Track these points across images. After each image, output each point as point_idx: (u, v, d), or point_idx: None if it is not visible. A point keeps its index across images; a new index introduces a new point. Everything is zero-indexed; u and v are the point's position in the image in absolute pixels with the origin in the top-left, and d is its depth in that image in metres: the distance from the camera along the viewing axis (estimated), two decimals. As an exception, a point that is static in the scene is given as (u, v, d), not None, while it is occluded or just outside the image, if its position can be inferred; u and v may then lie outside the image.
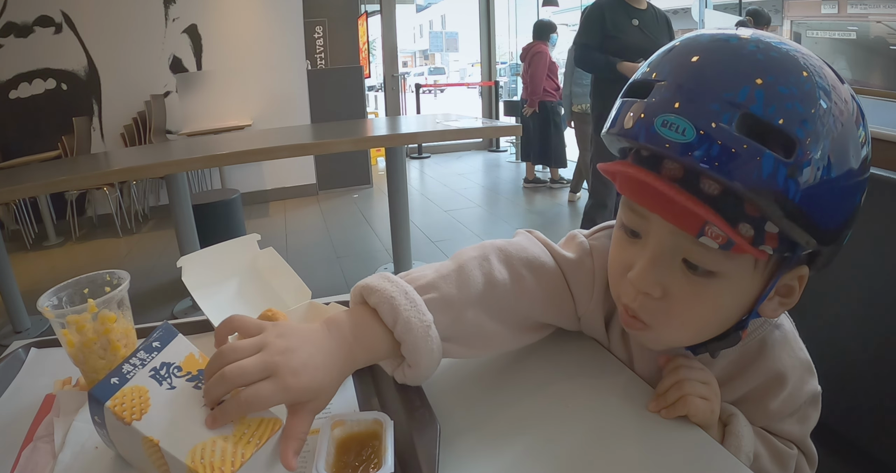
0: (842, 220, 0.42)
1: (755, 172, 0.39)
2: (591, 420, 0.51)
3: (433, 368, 0.50)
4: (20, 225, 4.13)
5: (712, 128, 0.39)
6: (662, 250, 0.46)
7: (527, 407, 0.53)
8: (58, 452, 0.48)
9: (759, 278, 0.46)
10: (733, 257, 0.44)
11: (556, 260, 0.58)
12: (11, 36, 4.23)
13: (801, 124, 0.39)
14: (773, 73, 0.40)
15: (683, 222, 0.42)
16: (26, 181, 2.23)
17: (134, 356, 0.44)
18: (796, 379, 0.55)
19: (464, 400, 0.54)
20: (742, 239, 0.41)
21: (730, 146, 0.39)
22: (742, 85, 0.40)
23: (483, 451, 0.47)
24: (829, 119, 0.40)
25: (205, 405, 0.42)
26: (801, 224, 0.40)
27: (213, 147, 2.73)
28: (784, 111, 0.39)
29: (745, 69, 0.41)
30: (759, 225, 0.41)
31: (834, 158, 0.40)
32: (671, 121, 0.41)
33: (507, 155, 6.70)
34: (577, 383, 0.57)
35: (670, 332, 0.50)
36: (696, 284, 0.46)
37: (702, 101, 0.40)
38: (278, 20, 4.83)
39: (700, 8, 5.51)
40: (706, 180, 0.41)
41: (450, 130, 2.76)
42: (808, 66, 0.41)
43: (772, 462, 0.55)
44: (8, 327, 2.62)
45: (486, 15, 6.95)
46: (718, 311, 0.48)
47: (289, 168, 4.99)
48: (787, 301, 0.49)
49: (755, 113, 0.39)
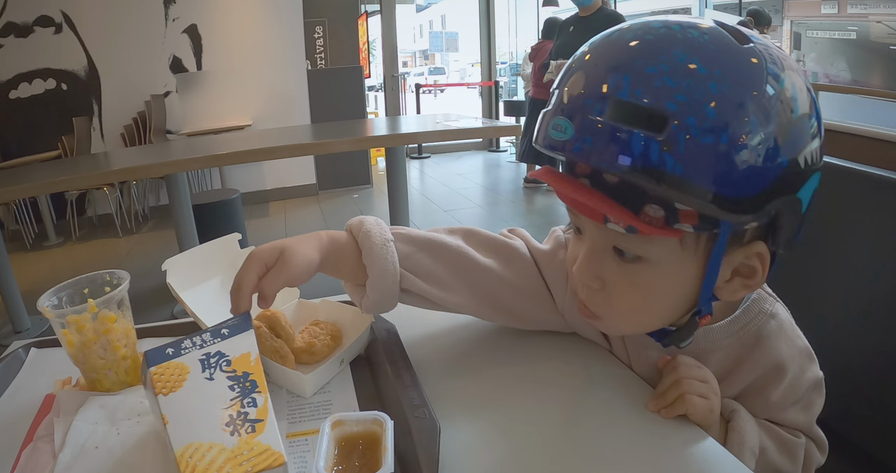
0: (754, 187, 0.40)
1: (626, 153, 0.39)
2: (592, 419, 0.51)
3: (389, 286, 0.56)
4: (20, 225, 4.13)
5: (586, 121, 0.41)
6: (594, 242, 0.49)
7: (527, 407, 0.53)
8: (58, 452, 0.48)
9: (692, 259, 0.46)
10: (653, 240, 0.44)
11: (531, 252, 0.61)
12: (11, 36, 4.23)
13: (671, 98, 0.39)
14: (641, 56, 0.41)
15: (589, 213, 0.46)
16: (26, 181, 2.23)
17: (200, 334, 0.46)
18: (796, 368, 0.55)
19: (464, 400, 0.55)
20: (642, 223, 0.42)
21: (600, 135, 0.40)
22: (610, 75, 0.41)
23: (483, 451, 0.48)
24: (710, 85, 0.39)
25: (225, 408, 0.42)
26: (699, 196, 0.39)
27: (213, 147, 2.73)
28: (652, 90, 0.40)
29: (616, 60, 0.42)
30: (669, 205, 0.42)
31: (721, 123, 0.39)
32: (557, 123, 0.43)
33: (507, 155, 6.69)
34: (578, 383, 0.57)
35: (617, 321, 0.52)
36: (629, 272, 0.48)
37: (579, 99, 0.42)
38: (278, 20, 4.83)
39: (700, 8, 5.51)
40: (606, 174, 0.43)
41: (450, 130, 2.76)
42: (686, 40, 0.41)
43: (779, 454, 0.55)
44: (8, 327, 2.62)
45: (486, 15, 6.95)
46: (657, 296, 0.49)
47: (289, 168, 4.98)
48: (751, 282, 0.48)
49: (623, 98, 0.40)
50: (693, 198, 0.40)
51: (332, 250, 0.56)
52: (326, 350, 0.62)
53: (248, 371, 0.44)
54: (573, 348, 0.63)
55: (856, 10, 5.38)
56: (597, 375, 0.58)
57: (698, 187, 0.39)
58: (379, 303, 0.57)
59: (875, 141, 1.72)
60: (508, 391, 0.56)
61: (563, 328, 0.63)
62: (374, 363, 0.60)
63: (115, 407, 0.53)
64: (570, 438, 0.49)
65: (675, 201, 0.41)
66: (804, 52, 5.98)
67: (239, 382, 0.44)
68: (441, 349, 0.65)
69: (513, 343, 0.65)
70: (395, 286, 0.57)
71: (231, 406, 0.42)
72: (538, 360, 0.62)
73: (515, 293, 0.60)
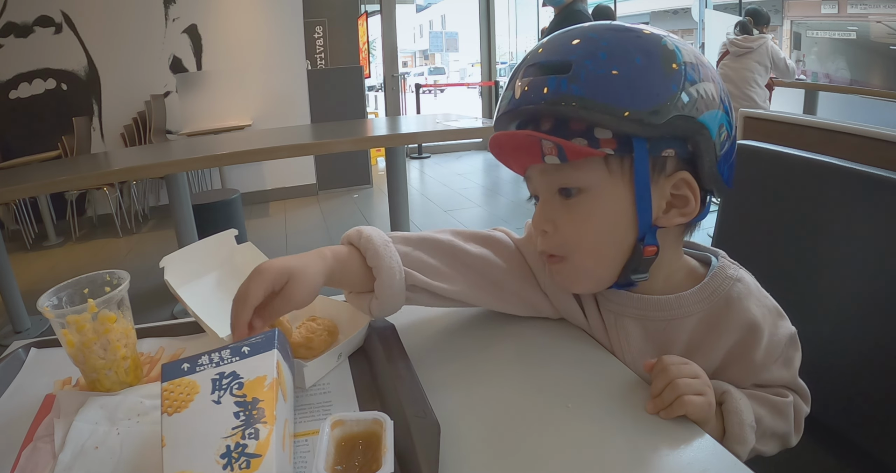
0: (643, 103, 0.50)
1: (545, 90, 0.52)
2: (592, 419, 0.51)
3: (396, 285, 0.59)
4: (20, 225, 4.13)
5: (520, 83, 0.54)
6: (543, 192, 0.58)
7: (527, 407, 0.53)
8: (58, 452, 0.48)
9: (620, 184, 0.54)
10: (583, 168, 0.54)
11: (513, 240, 0.69)
12: (11, 36, 4.23)
13: (572, 53, 0.52)
14: (548, 39, 0.55)
15: (529, 153, 0.55)
16: (26, 181, 2.23)
17: (220, 350, 0.44)
18: (770, 325, 0.57)
19: (464, 400, 0.55)
20: (572, 145, 0.52)
21: (529, 86, 0.53)
22: (531, 56, 0.56)
23: (483, 451, 0.48)
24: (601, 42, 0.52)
25: (224, 437, 0.39)
26: (603, 111, 0.50)
27: (213, 147, 2.73)
28: (558, 52, 0.53)
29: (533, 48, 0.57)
30: (590, 135, 0.52)
31: (610, 62, 0.51)
32: (505, 94, 0.57)
33: (507, 155, 6.69)
34: (578, 383, 0.57)
35: (581, 259, 0.58)
36: (573, 208, 0.56)
37: (516, 76, 0.56)
38: (278, 20, 4.83)
39: (700, 8, 5.51)
40: (542, 122, 0.55)
41: (450, 130, 2.76)
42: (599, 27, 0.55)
43: (773, 418, 0.57)
44: (8, 327, 2.62)
45: (486, 15, 6.95)
46: (604, 224, 0.56)
47: (289, 168, 4.98)
48: (686, 210, 0.55)
49: (540, 62, 0.54)
50: (600, 114, 0.50)
51: (336, 267, 0.59)
52: (324, 345, 0.63)
53: (258, 398, 0.41)
54: (574, 348, 0.63)
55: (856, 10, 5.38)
56: (597, 375, 0.58)
57: (601, 105, 0.50)
58: (387, 304, 0.60)
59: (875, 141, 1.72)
60: (509, 391, 0.56)
61: (551, 311, 0.67)
62: (373, 363, 0.60)
63: (115, 407, 0.53)
64: (571, 438, 0.49)
65: (592, 125, 0.52)
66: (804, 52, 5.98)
67: (246, 409, 0.41)
68: (441, 350, 0.65)
69: (513, 344, 0.65)
70: (401, 284, 0.60)
71: (231, 436, 0.39)
72: (538, 360, 0.62)
73: (506, 275, 0.66)
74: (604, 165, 0.54)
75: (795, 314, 0.61)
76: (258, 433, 0.40)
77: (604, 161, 0.53)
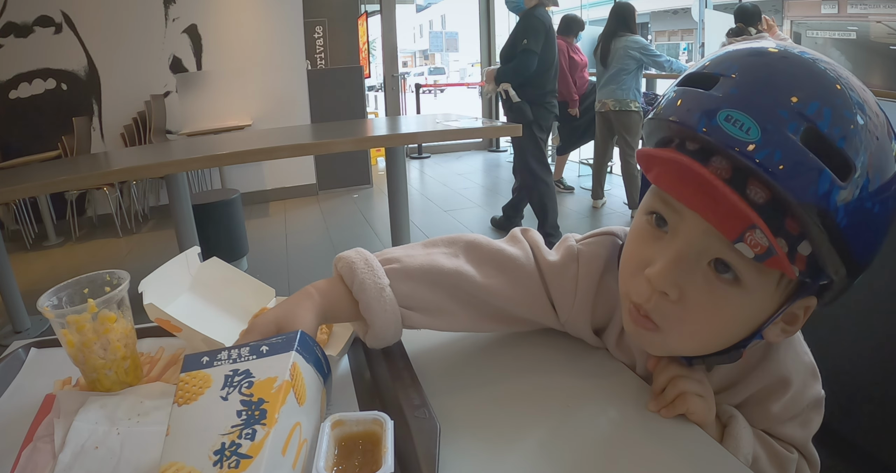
0: (873, 253, 0.42)
1: (811, 187, 0.38)
2: (592, 419, 0.51)
3: (391, 330, 0.56)
4: (20, 225, 4.13)
5: (779, 133, 0.38)
6: (690, 250, 0.45)
7: (527, 407, 0.53)
8: (58, 452, 0.48)
9: (777, 297, 0.45)
10: (763, 270, 0.43)
11: (537, 262, 0.59)
12: (11, 36, 4.22)
13: (858, 152, 0.39)
14: (841, 97, 0.40)
15: (726, 224, 0.41)
16: (26, 181, 2.23)
17: (241, 347, 0.44)
18: (800, 383, 0.54)
19: (464, 400, 0.54)
20: (779, 249, 0.39)
21: (792, 155, 0.38)
22: (812, 99, 0.39)
23: (483, 451, 0.48)
24: (889, 151, 0.40)
25: (223, 434, 0.39)
26: (839, 251, 0.40)
27: (213, 147, 2.73)
28: (847, 135, 0.39)
29: (816, 85, 0.40)
30: (794, 244, 0.40)
31: (879, 194, 0.40)
32: (735, 117, 0.39)
33: (507, 155, 6.69)
34: (578, 383, 0.57)
35: (679, 338, 0.49)
36: (717, 291, 0.45)
37: (771, 104, 0.39)
38: (278, 20, 4.82)
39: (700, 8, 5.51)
40: (754, 187, 0.40)
41: (450, 130, 2.75)
42: (864, 100, 0.41)
43: (770, 465, 0.55)
44: (8, 327, 2.62)
45: (486, 15, 6.95)
46: (733, 324, 0.47)
47: (289, 168, 4.98)
48: (790, 329, 0.48)
49: (821, 130, 0.38)
50: (834, 257, 0.40)
51: (327, 307, 0.55)
52: (326, 338, 0.65)
53: (263, 398, 0.41)
54: (574, 348, 0.63)
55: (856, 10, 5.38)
56: (597, 375, 0.58)
57: (847, 245, 0.40)
58: (382, 344, 0.58)
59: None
60: (508, 392, 0.56)
61: (554, 327, 0.63)
62: (374, 363, 0.60)
63: (115, 407, 0.53)
64: (570, 438, 0.49)
65: (821, 252, 0.40)
66: (804, 53, 5.97)
67: (249, 408, 0.41)
68: (441, 350, 0.65)
69: (513, 344, 0.65)
70: (398, 329, 0.57)
71: (229, 433, 0.39)
72: (538, 360, 0.62)
73: (518, 308, 0.59)
74: (779, 275, 0.43)
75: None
76: (255, 434, 0.39)
77: (781, 273, 0.43)
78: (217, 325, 0.64)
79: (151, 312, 0.59)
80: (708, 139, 0.40)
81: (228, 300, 0.70)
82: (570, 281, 0.58)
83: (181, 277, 0.68)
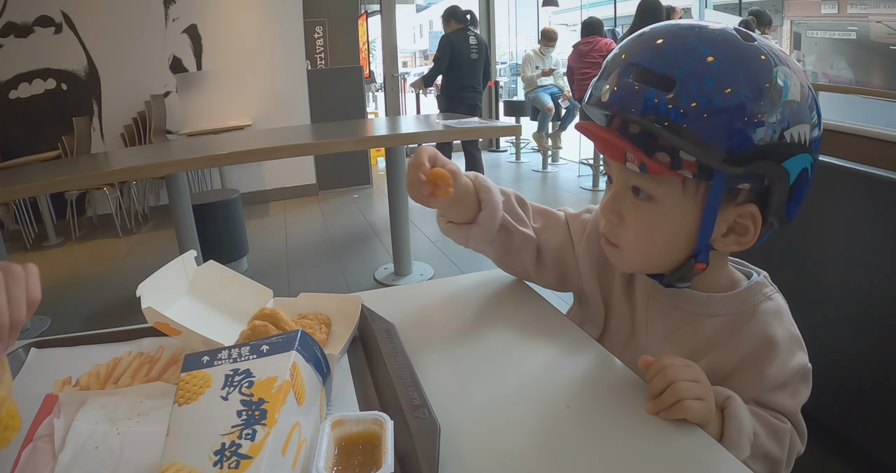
0: (739, 144, 0.50)
1: (642, 103, 0.51)
2: (592, 419, 0.51)
3: (495, 225, 0.71)
4: (20, 225, 4.13)
5: (619, 82, 0.53)
6: (618, 184, 0.59)
7: (527, 407, 0.53)
8: (58, 452, 0.48)
9: (691, 204, 0.56)
10: (660, 180, 0.55)
11: (565, 215, 0.78)
12: (11, 36, 4.23)
13: (681, 68, 0.51)
14: (664, 38, 0.53)
15: (612, 153, 0.56)
16: (26, 181, 2.23)
17: (241, 347, 0.44)
18: (787, 349, 0.58)
19: (464, 400, 0.55)
20: (655, 162, 0.52)
21: (626, 91, 0.53)
22: (640, 51, 0.54)
23: (483, 451, 0.48)
24: (710, 63, 0.50)
25: (223, 434, 0.39)
26: (694, 142, 0.50)
27: (213, 147, 2.73)
28: (667, 62, 0.51)
29: (645, 40, 0.54)
30: (674, 153, 0.52)
31: (715, 92, 0.50)
32: (597, 83, 0.56)
33: (507, 155, 6.69)
34: (578, 383, 0.57)
35: (631, 252, 0.61)
36: (641, 209, 0.58)
37: (615, 67, 0.55)
38: (278, 20, 4.82)
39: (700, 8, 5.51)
40: (630, 124, 0.54)
41: (450, 130, 2.76)
42: (700, 32, 0.53)
43: (769, 439, 0.57)
44: (8, 327, 2.62)
45: (486, 15, 6.94)
46: (662, 232, 0.58)
47: (289, 168, 4.98)
48: (744, 240, 0.57)
49: (645, 66, 0.52)
50: (690, 145, 0.50)
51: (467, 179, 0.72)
52: (325, 337, 0.64)
53: (263, 398, 0.41)
54: (574, 348, 0.63)
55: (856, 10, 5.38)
56: (597, 375, 0.58)
57: (695, 137, 0.50)
58: (483, 235, 0.71)
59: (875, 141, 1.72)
60: (508, 391, 0.56)
61: (577, 283, 0.74)
62: (374, 363, 0.60)
63: (115, 407, 0.53)
64: (571, 438, 0.49)
65: (679, 148, 0.51)
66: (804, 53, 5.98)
67: (249, 408, 0.41)
68: (441, 350, 0.65)
69: (513, 343, 0.65)
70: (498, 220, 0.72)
71: (229, 434, 0.39)
72: (538, 360, 0.62)
73: (549, 244, 0.75)
74: (680, 183, 0.55)
75: (795, 314, 0.61)
76: (255, 434, 0.39)
77: (680, 179, 0.54)
78: (216, 327, 0.64)
79: (150, 315, 0.59)
80: (594, 108, 0.56)
81: (226, 301, 0.70)
82: (581, 223, 0.74)
83: (178, 280, 0.68)
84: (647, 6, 3.73)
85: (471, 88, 4.36)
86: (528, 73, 5.69)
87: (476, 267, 3.23)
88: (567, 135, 5.83)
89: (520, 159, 6.28)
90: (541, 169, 5.76)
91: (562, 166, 5.87)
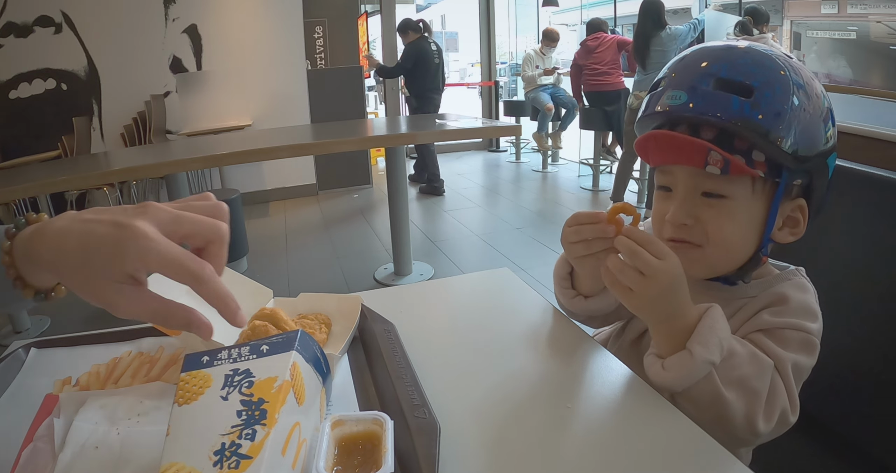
0: (807, 147, 0.57)
1: (728, 108, 0.57)
2: (591, 419, 0.51)
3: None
4: (20, 225, 4.12)
5: (698, 89, 0.58)
6: (686, 190, 0.62)
7: (527, 407, 0.53)
8: (58, 452, 0.48)
9: (759, 201, 0.60)
10: (734, 180, 0.59)
11: None
12: (11, 36, 4.22)
13: (755, 78, 0.57)
14: (733, 53, 0.60)
15: (693, 158, 0.59)
16: (26, 181, 2.23)
17: (241, 347, 0.44)
18: (796, 309, 0.61)
19: (464, 400, 0.55)
20: (738, 162, 0.56)
21: (707, 97, 0.58)
22: (714, 63, 0.59)
23: (483, 451, 0.48)
24: (775, 74, 0.57)
25: (222, 434, 0.39)
26: (775, 143, 0.56)
27: (213, 147, 2.73)
28: (743, 73, 0.58)
29: (714, 54, 0.61)
30: (748, 155, 0.58)
31: (783, 98, 0.56)
32: (673, 94, 0.60)
33: (507, 155, 6.69)
34: (578, 383, 0.57)
35: (715, 248, 0.62)
36: (716, 207, 0.61)
37: (689, 76, 0.60)
38: (278, 20, 4.82)
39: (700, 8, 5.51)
40: (704, 130, 0.59)
41: (450, 130, 2.76)
42: (749, 49, 0.60)
43: (748, 363, 0.56)
44: (8, 327, 2.62)
45: (486, 15, 6.94)
46: (739, 227, 0.61)
47: (289, 168, 4.98)
48: (796, 230, 0.63)
49: (723, 76, 0.58)
50: (772, 147, 0.56)
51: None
52: (325, 337, 0.64)
53: (263, 398, 0.41)
54: (574, 348, 0.63)
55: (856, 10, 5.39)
56: (596, 375, 0.58)
57: (776, 136, 0.56)
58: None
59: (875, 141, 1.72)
60: (508, 391, 0.56)
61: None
62: (374, 363, 0.60)
63: (115, 407, 0.53)
64: (570, 438, 0.49)
65: (753, 149, 0.57)
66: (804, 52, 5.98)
67: (249, 408, 0.40)
68: (441, 350, 0.65)
69: (513, 343, 0.65)
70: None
71: (229, 434, 0.39)
72: (538, 360, 0.62)
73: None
74: (751, 182, 0.59)
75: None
76: (255, 434, 0.39)
77: (751, 179, 0.59)
78: (216, 327, 0.63)
79: None
80: (666, 113, 0.60)
81: None
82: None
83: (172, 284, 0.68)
84: (648, 6, 3.74)
85: (436, 90, 4.96)
86: (529, 72, 5.70)
87: (476, 267, 3.23)
88: (567, 135, 5.84)
89: (520, 159, 6.28)
90: (541, 169, 5.76)
91: (562, 166, 5.87)
